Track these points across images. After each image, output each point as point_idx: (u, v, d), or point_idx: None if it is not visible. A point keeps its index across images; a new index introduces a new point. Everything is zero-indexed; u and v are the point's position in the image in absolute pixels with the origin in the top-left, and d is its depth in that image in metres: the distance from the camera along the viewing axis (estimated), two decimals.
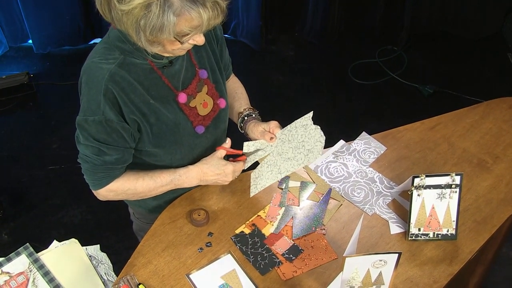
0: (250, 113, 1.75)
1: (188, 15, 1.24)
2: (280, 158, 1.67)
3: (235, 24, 3.94)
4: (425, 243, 1.64)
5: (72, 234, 1.82)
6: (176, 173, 1.61)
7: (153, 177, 1.60)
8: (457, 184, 1.60)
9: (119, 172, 1.56)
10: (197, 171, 1.62)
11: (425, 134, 1.95)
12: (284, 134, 1.68)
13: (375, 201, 1.75)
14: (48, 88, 3.70)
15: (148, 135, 1.52)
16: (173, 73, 1.50)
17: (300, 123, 1.66)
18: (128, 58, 1.42)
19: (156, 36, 1.27)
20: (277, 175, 1.66)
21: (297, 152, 1.65)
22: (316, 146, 1.63)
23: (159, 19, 1.23)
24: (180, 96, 1.52)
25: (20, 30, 3.86)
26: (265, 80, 3.77)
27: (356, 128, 2.12)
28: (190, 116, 1.56)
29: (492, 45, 3.97)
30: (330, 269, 1.57)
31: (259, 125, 1.69)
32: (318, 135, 1.63)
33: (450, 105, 2.85)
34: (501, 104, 2.06)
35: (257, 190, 1.69)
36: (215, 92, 1.62)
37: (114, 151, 1.48)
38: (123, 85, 1.41)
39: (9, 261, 1.62)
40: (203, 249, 1.62)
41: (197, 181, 1.64)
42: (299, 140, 1.66)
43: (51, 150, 3.29)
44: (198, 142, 1.63)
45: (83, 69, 1.44)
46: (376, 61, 3.85)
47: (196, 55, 1.56)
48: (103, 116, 1.41)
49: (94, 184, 1.56)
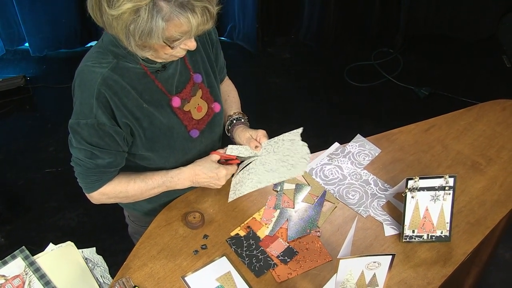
0: (239, 118, 1.75)
1: (177, 20, 1.25)
2: (262, 168, 1.66)
3: (231, 27, 3.95)
4: (419, 245, 1.65)
5: (68, 237, 1.82)
6: (168, 175, 1.62)
7: (144, 179, 1.60)
8: (450, 186, 1.61)
9: (111, 176, 1.57)
10: (190, 172, 1.63)
11: (419, 137, 1.96)
12: (270, 145, 1.67)
13: (369, 203, 1.76)
14: (44, 91, 3.70)
15: (142, 139, 1.52)
16: (166, 77, 1.51)
17: (288, 136, 1.66)
18: (121, 62, 1.43)
19: (146, 40, 1.28)
20: (257, 184, 1.63)
21: (280, 165, 1.64)
22: (300, 162, 1.62)
23: (148, 24, 1.23)
24: (174, 100, 1.52)
25: (17, 33, 3.86)
26: (261, 83, 3.78)
27: (352, 130, 2.13)
28: (184, 120, 1.57)
29: (487, 47, 3.98)
30: (324, 271, 1.58)
31: (246, 131, 1.69)
32: (304, 152, 1.63)
33: (445, 107, 2.87)
34: (495, 106, 2.07)
35: (235, 196, 1.64)
36: (210, 96, 1.63)
37: (106, 155, 1.49)
38: (115, 89, 1.42)
39: (4, 264, 1.62)
40: (198, 251, 1.63)
41: (189, 183, 1.64)
42: (284, 153, 1.65)
43: (47, 153, 3.29)
44: (192, 146, 1.63)
45: (76, 72, 1.45)
46: (372, 63, 3.86)
47: (190, 59, 1.57)
48: (96, 119, 1.41)
49: (87, 188, 1.57)
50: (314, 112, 3.54)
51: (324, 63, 3.91)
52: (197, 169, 1.63)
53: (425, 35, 4.02)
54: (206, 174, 1.62)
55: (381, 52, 3.94)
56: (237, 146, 1.69)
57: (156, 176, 1.61)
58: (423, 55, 3.94)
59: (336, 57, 3.95)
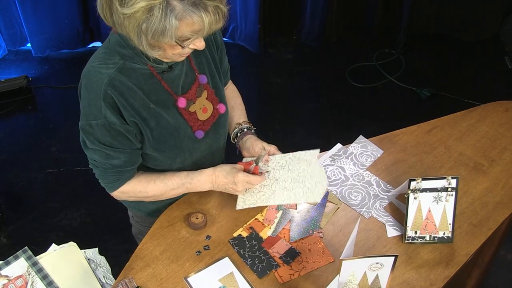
0: (249, 127, 1.76)
1: (190, 19, 1.25)
2: (277, 184, 1.64)
3: (233, 28, 3.95)
4: (421, 246, 1.65)
5: (71, 237, 1.82)
6: (188, 177, 1.62)
7: (164, 180, 1.61)
8: (453, 187, 1.61)
9: (130, 174, 1.58)
10: (210, 173, 1.63)
11: (421, 138, 1.96)
12: (285, 160, 1.67)
13: (372, 204, 1.76)
14: (46, 91, 3.70)
15: (149, 139, 1.53)
16: (172, 78, 1.51)
17: (304, 156, 1.66)
18: (128, 63, 1.43)
19: (158, 39, 1.28)
20: (269, 200, 1.62)
21: (295, 185, 1.63)
22: (317, 188, 1.61)
23: (161, 22, 1.23)
24: (180, 101, 1.53)
25: (19, 33, 3.87)
26: (263, 83, 3.79)
27: (354, 131, 2.13)
28: (190, 121, 1.57)
29: (489, 48, 3.98)
30: (327, 272, 1.58)
31: (259, 142, 1.69)
32: (322, 176, 1.62)
33: (447, 107, 2.87)
34: (497, 107, 2.07)
35: (244, 206, 1.64)
36: (215, 97, 1.63)
37: (121, 154, 1.50)
38: (122, 89, 1.42)
39: (7, 264, 1.62)
40: (201, 252, 1.63)
41: (209, 184, 1.64)
42: (299, 173, 1.64)
43: (49, 153, 3.30)
44: (197, 146, 1.64)
45: (83, 73, 1.46)
46: (374, 64, 3.86)
47: (196, 61, 1.57)
48: (106, 119, 1.42)
49: (108, 187, 1.59)
50: (316, 113, 3.54)
51: (326, 64, 3.91)
52: (217, 170, 1.63)
53: (427, 36, 4.02)
54: (225, 177, 1.61)
55: (383, 53, 3.94)
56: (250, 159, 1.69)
57: (176, 178, 1.62)
58: (425, 56, 3.94)
59: (338, 57, 3.95)
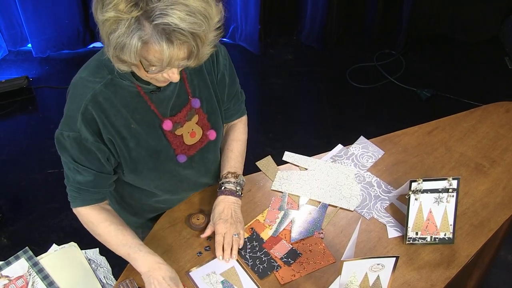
0: (228, 182, 1.67)
1: (152, 46, 1.19)
2: (315, 182, 1.80)
3: (233, 28, 3.95)
4: (422, 247, 1.65)
5: (71, 238, 1.82)
6: (137, 246, 1.51)
7: (118, 230, 1.52)
8: (454, 188, 1.61)
9: (93, 197, 1.53)
10: (153, 261, 1.49)
11: (422, 139, 1.96)
12: (328, 166, 1.80)
13: (373, 205, 1.76)
14: (47, 92, 3.70)
15: (126, 159, 1.49)
16: (162, 98, 1.46)
17: (342, 169, 1.81)
18: (116, 79, 1.39)
19: (119, 55, 1.22)
20: (305, 193, 1.78)
21: (332, 189, 1.78)
22: (352, 200, 1.77)
23: (122, 38, 1.18)
24: (165, 123, 1.48)
25: (19, 34, 3.87)
26: (263, 84, 3.78)
27: (354, 132, 2.13)
28: (173, 144, 1.53)
29: (489, 49, 3.98)
30: (328, 273, 1.58)
31: (223, 224, 1.61)
32: (356, 191, 1.77)
33: (448, 108, 2.87)
34: (498, 108, 2.07)
35: (280, 188, 1.80)
36: (206, 122, 1.58)
37: (85, 172, 1.46)
38: (104, 106, 1.39)
39: (8, 264, 1.63)
40: (202, 253, 1.63)
41: (145, 269, 1.48)
42: (337, 181, 1.80)
43: (50, 153, 3.29)
44: (181, 170, 1.60)
45: (71, 82, 1.43)
46: (374, 64, 3.86)
47: (191, 83, 1.51)
48: (79, 133, 1.39)
49: (70, 202, 1.56)
50: (317, 113, 3.54)
51: (326, 65, 3.91)
52: (162, 267, 1.48)
53: (428, 36, 4.02)
54: (169, 279, 1.47)
55: (383, 54, 3.94)
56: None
57: (128, 236, 1.52)
58: (426, 56, 3.94)
59: (338, 58, 3.95)
